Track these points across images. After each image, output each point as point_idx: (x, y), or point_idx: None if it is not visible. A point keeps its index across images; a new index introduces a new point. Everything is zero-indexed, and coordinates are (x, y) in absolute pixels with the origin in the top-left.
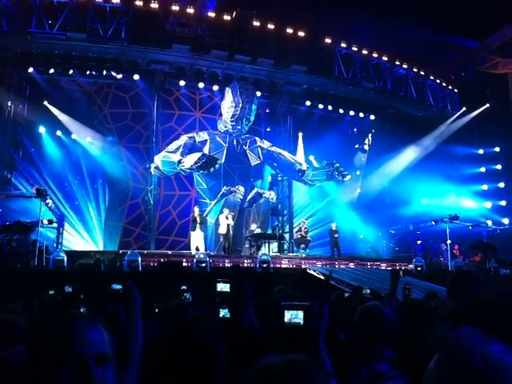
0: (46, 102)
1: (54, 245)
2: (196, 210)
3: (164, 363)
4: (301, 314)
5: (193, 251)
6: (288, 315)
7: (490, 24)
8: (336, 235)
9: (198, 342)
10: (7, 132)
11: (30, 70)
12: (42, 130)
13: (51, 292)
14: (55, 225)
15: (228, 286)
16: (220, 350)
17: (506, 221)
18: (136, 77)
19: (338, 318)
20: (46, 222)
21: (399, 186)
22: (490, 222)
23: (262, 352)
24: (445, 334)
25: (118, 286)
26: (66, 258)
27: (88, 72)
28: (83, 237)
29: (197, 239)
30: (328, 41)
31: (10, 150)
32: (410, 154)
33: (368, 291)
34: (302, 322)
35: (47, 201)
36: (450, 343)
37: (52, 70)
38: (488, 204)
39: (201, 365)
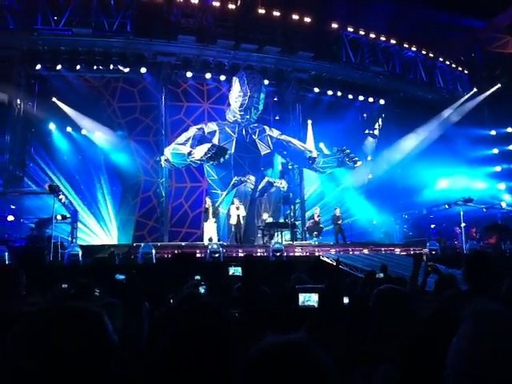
0: (54, 99)
1: (69, 240)
2: (208, 200)
3: (177, 348)
4: (315, 296)
5: (206, 242)
6: (301, 298)
7: (498, 3)
8: (339, 221)
9: (210, 326)
10: (17, 130)
11: (38, 67)
12: (52, 126)
13: (64, 285)
14: (69, 220)
15: (239, 269)
16: (231, 335)
17: None
18: (143, 70)
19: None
20: (59, 217)
21: (410, 170)
22: (504, 204)
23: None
24: (475, 308)
25: (122, 277)
26: (80, 253)
27: (95, 67)
28: (97, 231)
29: (210, 230)
30: (334, 26)
31: (21, 148)
32: (420, 138)
33: (382, 275)
34: (316, 305)
35: (60, 196)
36: (479, 315)
37: (59, 67)
38: (502, 185)
39: (212, 349)
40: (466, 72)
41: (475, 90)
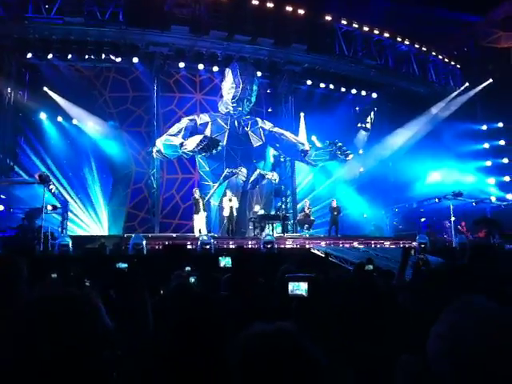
0: (46, 88)
1: (59, 230)
2: (197, 192)
3: (174, 338)
4: (304, 285)
5: (196, 234)
6: (290, 286)
7: None
8: (335, 213)
9: (203, 316)
10: (8, 119)
11: (29, 55)
12: (42, 116)
13: (54, 275)
14: (59, 210)
15: (230, 260)
16: (223, 324)
17: (510, 196)
18: (135, 60)
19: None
20: (49, 207)
21: (402, 163)
22: (493, 198)
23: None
24: (461, 300)
25: (124, 265)
26: (71, 243)
27: (87, 56)
28: (88, 222)
29: (199, 222)
30: (328, 18)
31: (11, 137)
32: (412, 132)
33: (371, 267)
34: (304, 294)
35: (50, 187)
36: (465, 308)
37: (50, 56)
38: (492, 180)
39: (206, 337)
40: (458, 66)
41: (467, 84)
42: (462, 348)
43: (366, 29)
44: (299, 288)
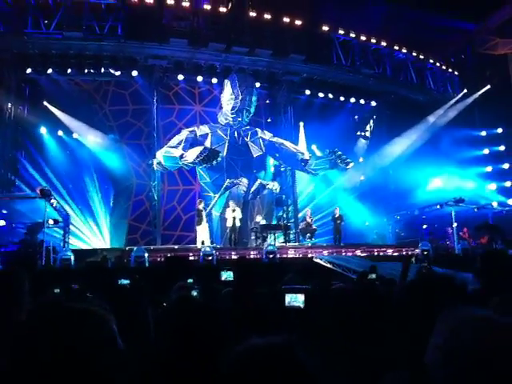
0: (45, 103)
1: (61, 244)
2: (201, 203)
3: (172, 347)
4: (301, 297)
5: (198, 245)
6: (288, 298)
7: (489, 4)
8: (338, 221)
9: (202, 326)
10: (8, 134)
11: (28, 70)
12: (43, 130)
13: (56, 290)
14: (61, 224)
15: (231, 274)
16: (223, 334)
17: (511, 202)
18: (134, 73)
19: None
20: (51, 222)
21: (402, 171)
22: (495, 204)
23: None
24: (454, 310)
25: (126, 281)
26: (73, 257)
27: (86, 70)
28: (89, 235)
29: (203, 233)
30: (325, 28)
31: (12, 152)
32: (411, 139)
33: (374, 276)
34: (301, 305)
35: (52, 201)
36: (459, 318)
37: (50, 70)
38: (493, 186)
39: (205, 347)
40: (456, 73)
41: (465, 91)
42: (457, 359)
43: (363, 38)
44: (296, 300)
